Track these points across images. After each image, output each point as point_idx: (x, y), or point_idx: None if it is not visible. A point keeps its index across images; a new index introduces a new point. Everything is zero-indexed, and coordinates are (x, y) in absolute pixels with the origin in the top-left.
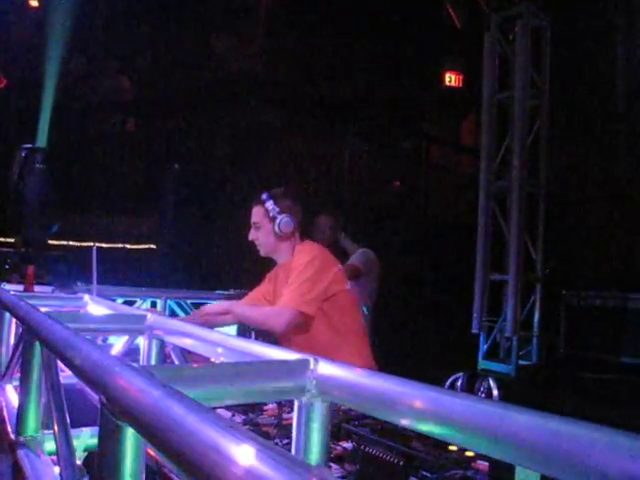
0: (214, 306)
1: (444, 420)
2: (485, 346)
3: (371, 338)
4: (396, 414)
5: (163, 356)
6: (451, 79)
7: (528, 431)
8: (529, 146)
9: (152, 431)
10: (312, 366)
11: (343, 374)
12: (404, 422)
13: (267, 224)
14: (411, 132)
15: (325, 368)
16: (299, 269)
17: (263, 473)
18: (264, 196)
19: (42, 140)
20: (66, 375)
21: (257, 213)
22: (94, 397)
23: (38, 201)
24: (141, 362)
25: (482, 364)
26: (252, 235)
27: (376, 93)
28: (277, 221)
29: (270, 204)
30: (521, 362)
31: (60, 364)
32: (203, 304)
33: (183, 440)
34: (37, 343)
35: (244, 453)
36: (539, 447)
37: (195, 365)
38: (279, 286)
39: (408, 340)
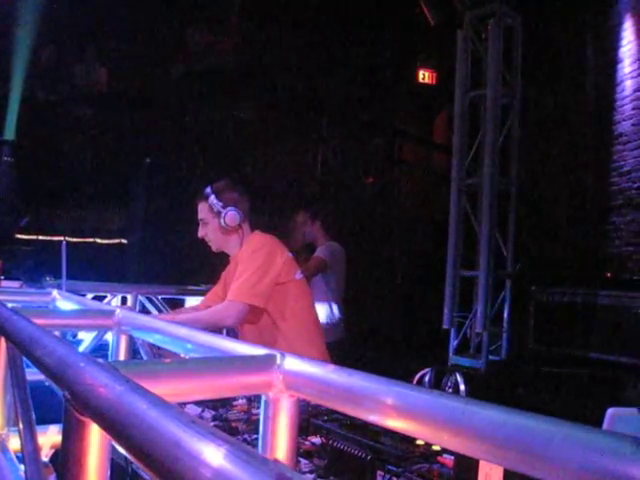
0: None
1: (410, 415)
2: (455, 341)
3: (344, 332)
4: (363, 410)
5: (132, 352)
6: (424, 76)
7: (491, 426)
8: (501, 144)
9: (115, 427)
10: (279, 361)
11: (310, 369)
12: (371, 417)
13: (213, 219)
14: (384, 128)
15: (292, 363)
16: (246, 260)
17: (223, 468)
18: (207, 191)
19: (10, 132)
20: (33, 371)
21: (202, 209)
22: (61, 393)
23: (6, 194)
24: (110, 358)
25: (453, 359)
26: (201, 232)
27: (350, 89)
28: (222, 215)
29: (212, 199)
30: (491, 357)
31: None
32: (175, 300)
33: (145, 436)
34: (2, 339)
35: (205, 448)
36: (501, 441)
37: (161, 360)
38: (229, 280)
39: (380, 335)
